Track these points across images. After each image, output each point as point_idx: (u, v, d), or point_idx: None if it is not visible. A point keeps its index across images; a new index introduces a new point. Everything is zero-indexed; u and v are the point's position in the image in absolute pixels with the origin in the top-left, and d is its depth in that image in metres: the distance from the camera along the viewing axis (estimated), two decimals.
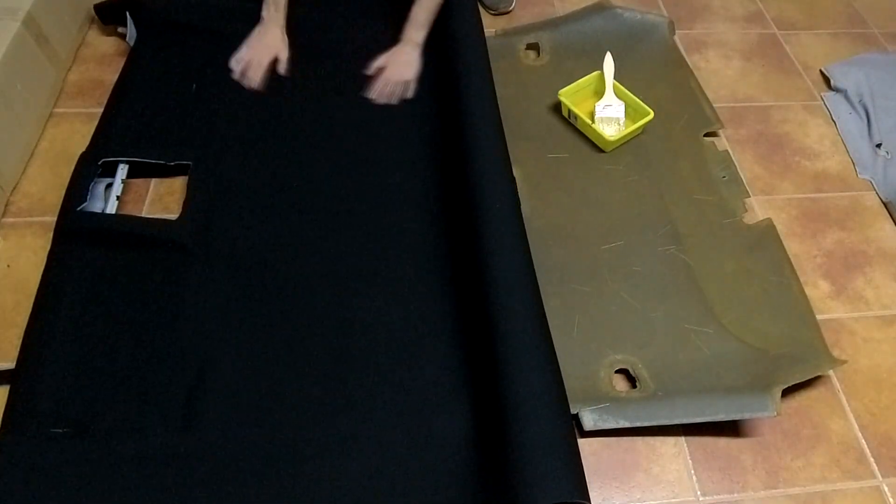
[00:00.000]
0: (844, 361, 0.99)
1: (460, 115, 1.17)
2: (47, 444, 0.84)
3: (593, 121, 1.27)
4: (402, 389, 0.92)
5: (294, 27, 1.36)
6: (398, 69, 1.28)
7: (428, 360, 0.95)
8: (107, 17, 1.38)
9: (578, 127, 1.29)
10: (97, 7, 1.37)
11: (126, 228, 1.06)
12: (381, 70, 1.29)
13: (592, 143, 1.27)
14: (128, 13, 1.33)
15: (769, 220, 1.17)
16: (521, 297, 0.92)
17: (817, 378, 1.01)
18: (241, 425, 0.87)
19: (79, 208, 1.06)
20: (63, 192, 1.09)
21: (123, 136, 1.17)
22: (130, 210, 1.12)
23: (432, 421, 0.89)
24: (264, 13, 1.30)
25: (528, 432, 0.79)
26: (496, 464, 0.81)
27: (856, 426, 0.97)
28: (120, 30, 1.38)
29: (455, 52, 1.27)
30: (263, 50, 1.29)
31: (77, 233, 1.04)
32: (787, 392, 0.97)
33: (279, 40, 1.30)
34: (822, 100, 1.42)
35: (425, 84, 1.30)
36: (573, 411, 0.91)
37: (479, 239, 0.98)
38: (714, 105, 1.35)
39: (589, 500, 0.77)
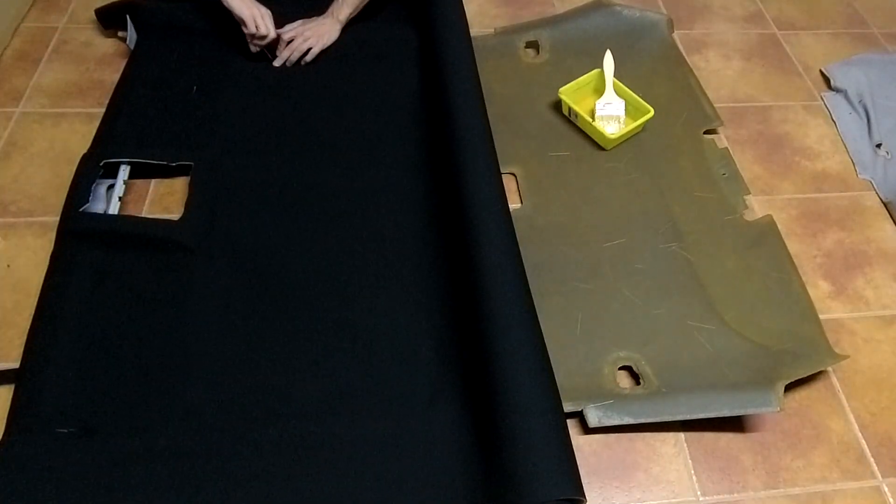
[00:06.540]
0: (847, 356, 0.99)
1: (447, 113, 1.17)
2: (53, 443, 0.84)
3: (594, 118, 1.27)
4: (400, 386, 0.93)
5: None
6: (317, 31, 1.33)
7: (427, 357, 0.96)
8: (107, 22, 1.38)
9: (579, 125, 1.29)
10: (98, 11, 1.37)
11: (129, 229, 1.06)
12: (299, 30, 1.33)
13: (593, 141, 1.27)
14: (128, 17, 1.33)
15: (770, 216, 1.17)
16: (509, 293, 0.92)
17: (817, 378, 1.01)
18: (245, 423, 0.88)
19: (81, 209, 1.06)
20: (63, 192, 1.09)
21: (125, 137, 1.17)
22: (130, 210, 1.12)
23: (430, 418, 0.90)
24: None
25: (521, 428, 0.80)
26: (492, 461, 0.82)
27: (856, 426, 0.97)
28: (120, 34, 1.38)
29: (442, 51, 1.27)
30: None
31: (80, 234, 1.04)
32: (787, 392, 0.97)
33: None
34: (822, 100, 1.42)
35: (423, 84, 1.30)
36: (578, 409, 0.91)
37: (469, 236, 0.99)
38: (714, 105, 1.35)
39: (584, 495, 0.77)
